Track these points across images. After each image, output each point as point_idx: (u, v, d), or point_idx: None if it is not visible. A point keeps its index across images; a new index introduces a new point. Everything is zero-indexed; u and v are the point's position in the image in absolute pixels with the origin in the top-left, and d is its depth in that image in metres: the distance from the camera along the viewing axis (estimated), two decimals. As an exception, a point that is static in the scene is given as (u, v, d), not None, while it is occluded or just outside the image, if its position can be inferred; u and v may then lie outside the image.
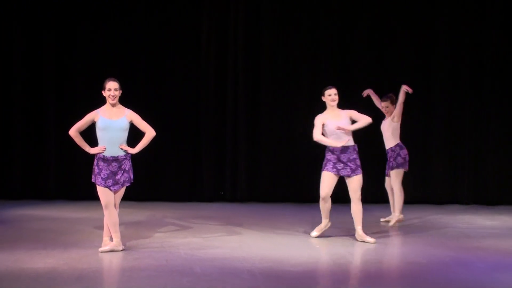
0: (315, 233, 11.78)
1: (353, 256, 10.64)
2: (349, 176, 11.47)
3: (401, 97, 12.87)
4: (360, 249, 11.10)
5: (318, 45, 15.99)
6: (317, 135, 11.59)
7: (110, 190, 10.51)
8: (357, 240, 11.46)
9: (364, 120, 11.58)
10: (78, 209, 14.24)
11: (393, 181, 12.97)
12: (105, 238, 10.68)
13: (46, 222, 12.99)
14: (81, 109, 11.32)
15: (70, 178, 15.67)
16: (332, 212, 11.75)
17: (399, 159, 12.97)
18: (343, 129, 11.36)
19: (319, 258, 10.43)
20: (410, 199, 15.47)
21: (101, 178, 10.48)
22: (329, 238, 11.86)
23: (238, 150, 15.91)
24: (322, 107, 15.79)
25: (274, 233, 12.31)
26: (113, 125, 10.55)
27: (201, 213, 14.28)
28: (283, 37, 15.98)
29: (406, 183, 15.39)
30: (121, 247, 10.58)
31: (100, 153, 10.48)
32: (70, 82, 15.70)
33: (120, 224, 12.58)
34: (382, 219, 13.27)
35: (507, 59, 15.95)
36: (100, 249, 10.52)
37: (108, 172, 10.48)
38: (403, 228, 12.79)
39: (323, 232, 11.75)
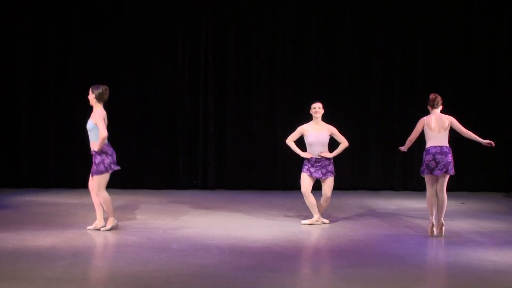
0: (306, 221, 11.47)
1: (304, 235, 10.66)
2: (321, 178, 11.41)
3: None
4: (310, 229, 11.12)
5: (275, 53, 15.93)
6: (289, 140, 11.55)
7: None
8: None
9: (342, 145, 11.47)
10: (74, 196, 14.14)
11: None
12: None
13: (47, 207, 12.90)
14: (77, 108, 11.22)
15: (67, 169, 15.57)
16: (295, 197, 11.67)
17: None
18: (325, 156, 11.26)
19: (276, 236, 10.43)
20: (350, 186, 15.56)
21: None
22: (286, 221, 11.87)
23: (208, 145, 15.87)
24: (280, 107, 15.89)
25: (238, 215, 12.30)
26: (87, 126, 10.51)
27: (177, 199, 14.24)
28: (246, 49, 15.93)
29: (347, 172, 15.52)
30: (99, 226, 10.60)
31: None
32: (67, 87, 15.57)
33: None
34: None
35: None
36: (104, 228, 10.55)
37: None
38: (346, 211, 12.81)
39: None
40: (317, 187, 11.49)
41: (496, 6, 15.86)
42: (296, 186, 15.34)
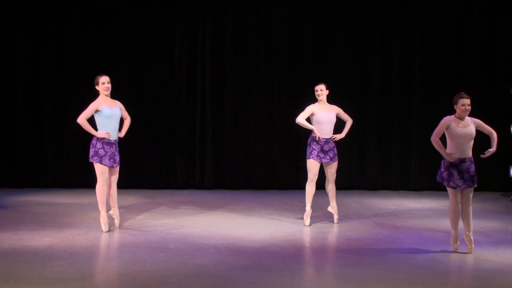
0: (307, 222, 11.37)
1: (301, 234, 10.67)
2: (328, 163, 11.42)
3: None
4: (307, 228, 11.13)
5: (272, 54, 15.93)
6: (300, 118, 11.26)
7: (113, 167, 10.63)
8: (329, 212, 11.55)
9: (349, 123, 11.61)
10: (71, 196, 14.14)
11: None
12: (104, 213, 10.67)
13: (44, 207, 12.90)
14: (73, 109, 11.23)
15: (64, 169, 15.56)
16: (293, 197, 11.71)
17: None
18: (337, 138, 11.37)
19: (273, 235, 10.45)
20: (349, 186, 15.55)
21: (107, 159, 10.49)
22: (283, 220, 11.88)
23: (206, 145, 15.86)
24: (277, 107, 15.90)
25: (235, 215, 12.31)
26: (115, 113, 10.67)
27: (175, 199, 14.24)
28: (243, 50, 15.92)
29: (346, 172, 15.51)
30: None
31: (105, 137, 10.50)
32: (64, 86, 15.56)
33: (107, 208, 12.55)
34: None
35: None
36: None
37: (110, 153, 10.55)
38: (343, 211, 12.82)
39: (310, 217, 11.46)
40: (317, 187, 11.50)
41: (493, 6, 15.86)
42: (293, 186, 15.45)
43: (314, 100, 11.64)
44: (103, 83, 10.69)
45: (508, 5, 15.81)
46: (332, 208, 11.63)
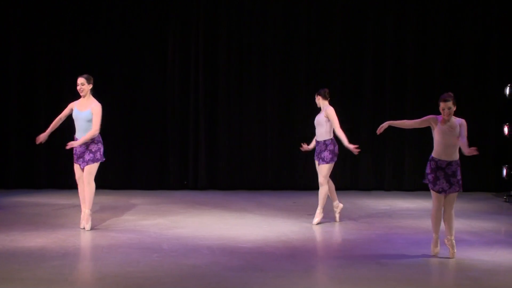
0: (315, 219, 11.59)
1: (294, 235, 10.68)
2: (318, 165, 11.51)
3: None
4: (300, 229, 11.14)
5: (265, 54, 15.94)
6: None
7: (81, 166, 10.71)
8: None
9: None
10: (64, 197, 14.13)
11: None
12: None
13: (37, 208, 12.89)
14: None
15: (57, 170, 15.55)
16: (286, 197, 11.71)
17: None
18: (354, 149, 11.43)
19: (266, 236, 10.46)
20: (341, 187, 15.56)
21: (76, 157, 10.75)
22: (276, 221, 11.89)
23: (199, 146, 15.86)
24: (271, 107, 15.92)
25: (229, 216, 12.32)
26: (79, 116, 10.73)
27: (168, 199, 14.24)
28: (236, 50, 15.94)
29: (339, 173, 15.53)
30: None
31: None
32: (57, 87, 15.54)
33: (99, 209, 12.57)
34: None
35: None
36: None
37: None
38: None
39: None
40: (316, 186, 11.55)
41: (486, 6, 15.90)
42: (287, 187, 15.48)
43: (310, 100, 11.73)
44: (77, 85, 10.80)
45: (501, 5, 15.85)
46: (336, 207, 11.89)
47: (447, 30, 15.96)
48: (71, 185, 15.03)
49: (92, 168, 10.62)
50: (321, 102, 11.62)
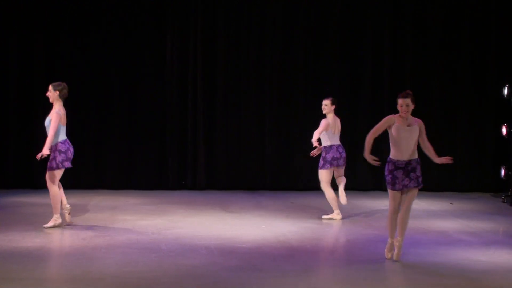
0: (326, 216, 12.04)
1: (293, 235, 10.69)
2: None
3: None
4: (298, 229, 11.15)
5: (264, 54, 15.95)
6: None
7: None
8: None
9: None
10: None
11: None
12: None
13: (35, 208, 12.88)
14: (65, 111, 11.19)
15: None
16: (285, 197, 11.71)
17: None
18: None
19: (265, 236, 10.47)
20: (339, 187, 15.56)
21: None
22: (275, 221, 11.90)
23: (197, 146, 15.86)
24: (269, 108, 15.93)
25: (227, 216, 12.33)
26: (45, 123, 10.88)
27: (166, 199, 14.24)
28: (235, 50, 15.94)
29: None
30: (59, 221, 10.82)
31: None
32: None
33: (98, 209, 12.58)
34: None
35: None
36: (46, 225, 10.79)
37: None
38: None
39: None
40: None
41: (484, 6, 15.92)
42: (285, 187, 15.48)
43: (309, 100, 11.78)
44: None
45: (499, 6, 15.87)
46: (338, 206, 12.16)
47: (445, 30, 15.97)
48: (70, 185, 15.08)
49: (49, 175, 10.83)
50: (327, 109, 12.08)
